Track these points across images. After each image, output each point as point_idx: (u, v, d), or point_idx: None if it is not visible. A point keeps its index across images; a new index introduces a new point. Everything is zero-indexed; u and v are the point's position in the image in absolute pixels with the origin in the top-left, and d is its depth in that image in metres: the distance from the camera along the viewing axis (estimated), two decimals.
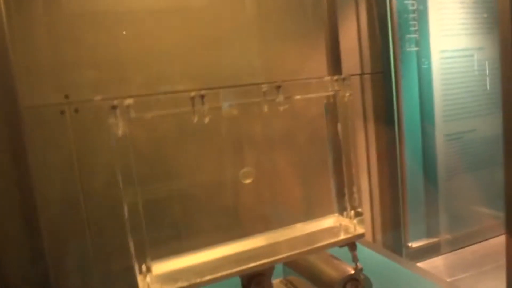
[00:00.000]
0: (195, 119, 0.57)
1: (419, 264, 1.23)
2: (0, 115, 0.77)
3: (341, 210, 0.70)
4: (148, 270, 0.56)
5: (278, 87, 0.61)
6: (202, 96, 0.56)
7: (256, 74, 1.03)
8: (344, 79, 0.66)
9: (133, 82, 0.93)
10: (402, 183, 1.20)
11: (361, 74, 1.19)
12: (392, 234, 1.25)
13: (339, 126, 0.68)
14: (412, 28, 1.19)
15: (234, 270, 0.57)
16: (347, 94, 0.66)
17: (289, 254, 0.61)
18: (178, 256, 0.61)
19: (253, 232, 0.68)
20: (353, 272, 0.66)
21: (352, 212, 0.68)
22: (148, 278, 0.54)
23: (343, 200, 0.69)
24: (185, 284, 0.54)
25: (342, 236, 0.65)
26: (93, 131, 0.90)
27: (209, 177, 0.72)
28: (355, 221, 0.67)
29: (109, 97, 0.59)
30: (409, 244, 1.22)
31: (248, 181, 0.65)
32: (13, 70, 0.75)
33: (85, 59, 0.89)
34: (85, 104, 0.90)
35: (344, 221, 0.69)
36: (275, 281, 0.85)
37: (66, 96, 0.89)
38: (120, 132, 0.52)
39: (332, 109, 0.68)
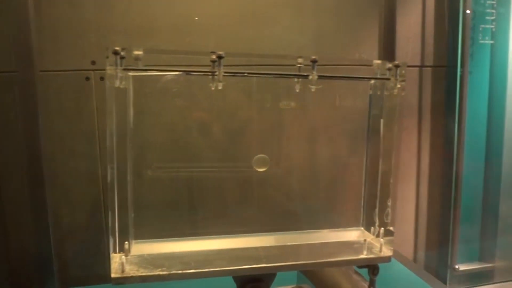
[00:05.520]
0: (213, 86, 0.49)
1: None
2: (16, 78, 0.74)
3: (369, 225, 0.59)
4: (128, 249, 0.49)
5: (313, 61, 0.51)
6: (220, 57, 0.47)
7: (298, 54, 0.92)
8: (397, 66, 0.54)
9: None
10: (456, 195, 1.04)
11: (421, 66, 1.04)
12: (438, 252, 1.09)
13: (382, 122, 0.56)
14: (489, 18, 1.02)
15: (225, 268, 0.49)
16: (398, 86, 0.54)
17: (293, 263, 0.51)
18: (169, 240, 0.54)
19: (262, 230, 0.59)
20: None
21: (382, 229, 0.56)
22: (124, 259, 0.47)
23: (373, 213, 0.58)
24: (165, 272, 0.47)
25: (363, 255, 0.54)
26: (117, 101, 0.86)
27: (222, 162, 0.63)
28: (382, 240, 0.55)
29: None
30: (456, 266, 1.06)
31: (262, 169, 0.55)
32: (32, 34, 0.71)
33: (115, 25, 0.85)
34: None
35: (370, 237, 0.58)
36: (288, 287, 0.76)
37: (93, 62, 0.85)
38: (117, 83, 0.45)
39: (378, 101, 0.57)
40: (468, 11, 0.98)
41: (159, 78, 0.54)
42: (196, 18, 0.87)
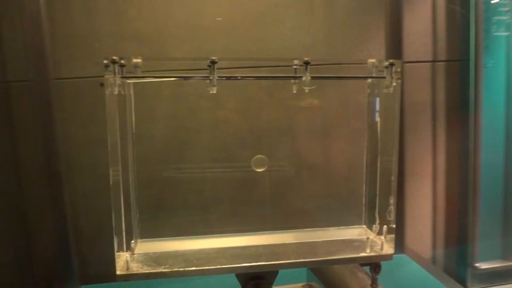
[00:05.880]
0: (213, 89, 0.50)
1: None
2: (31, 87, 0.78)
3: (371, 223, 0.59)
4: (132, 248, 0.51)
5: (306, 63, 0.51)
6: (213, 62, 0.49)
7: (305, 54, 0.93)
8: (392, 64, 0.54)
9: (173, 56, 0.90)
10: (474, 191, 1.02)
11: (433, 61, 1.02)
12: (457, 250, 1.07)
13: (379, 120, 0.56)
14: (503, 9, 0.99)
15: (225, 266, 0.50)
16: (394, 84, 0.54)
17: (293, 261, 0.52)
18: (174, 239, 0.56)
19: (265, 228, 0.60)
20: None
21: (385, 227, 0.56)
22: (128, 257, 0.50)
23: (375, 211, 0.58)
24: (167, 270, 0.49)
25: (364, 253, 0.54)
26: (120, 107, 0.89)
27: (221, 163, 0.65)
28: (383, 238, 0.55)
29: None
30: (477, 265, 1.04)
31: (260, 169, 0.57)
32: (46, 43, 0.75)
33: (126, 32, 0.88)
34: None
35: (372, 235, 0.58)
36: (297, 285, 0.77)
37: None
38: (116, 90, 0.48)
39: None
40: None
41: (162, 83, 0.57)
42: (219, 19, 0.89)
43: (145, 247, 0.55)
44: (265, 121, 0.67)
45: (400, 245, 0.95)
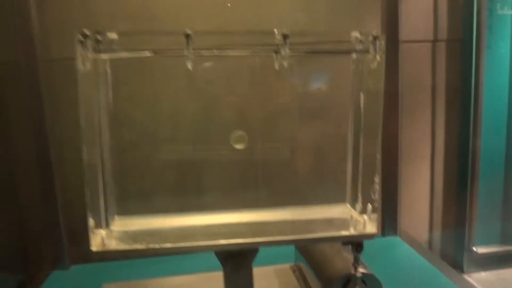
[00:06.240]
0: (189, 64, 0.50)
1: (485, 274, 1.03)
2: (20, 68, 0.78)
3: (355, 201, 0.57)
4: (107, 224, 0.51)
5: (285, 36, 0.49)
6: (188, 36, 0.48)
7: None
8: (375, 37, 0.52)
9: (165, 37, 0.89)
10: (473, 175, 1.00)
11: (434, 41, 0.99)
12: (454, 234, 1.05)
13: (362, 96, 0.54)
14: None
15: (202, 244, 0.50)
16: (378, 58, 0.52)
17: (273, 239, 0.51)
18: (154, 216, 0.56)
19: (244, 206, 0.59)
20: (353, 272, 0.55)
21: (369, 206, 0.54)
22: (104, 233, 0.50)
23: (359, 189, 0.56)
24: (142, 247, 0.49)
25: (346, 232, 0.53)
26: (123, 88, 0.88)
27: (198, 139, 0.64)
28: (365, 216, 0.54)
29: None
30: (474, 249, 1.02)
31: (240, 146, 0.55)
32: (33, 23, 0.75)
33: (117, 12, 0.87)
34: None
35: (355, 214, 0.56)
36: (285, 266, 0.77)
37: None
38: (87, 66, 0.47)
39: (362, 75, 0.55)
40: None
41: (140, 59, 0.55)
42: (229, 5, 0.88)
43: (123, 223, 0.55)
44: (252, 99, 0.66)
45: (394, 227, 0.94)
